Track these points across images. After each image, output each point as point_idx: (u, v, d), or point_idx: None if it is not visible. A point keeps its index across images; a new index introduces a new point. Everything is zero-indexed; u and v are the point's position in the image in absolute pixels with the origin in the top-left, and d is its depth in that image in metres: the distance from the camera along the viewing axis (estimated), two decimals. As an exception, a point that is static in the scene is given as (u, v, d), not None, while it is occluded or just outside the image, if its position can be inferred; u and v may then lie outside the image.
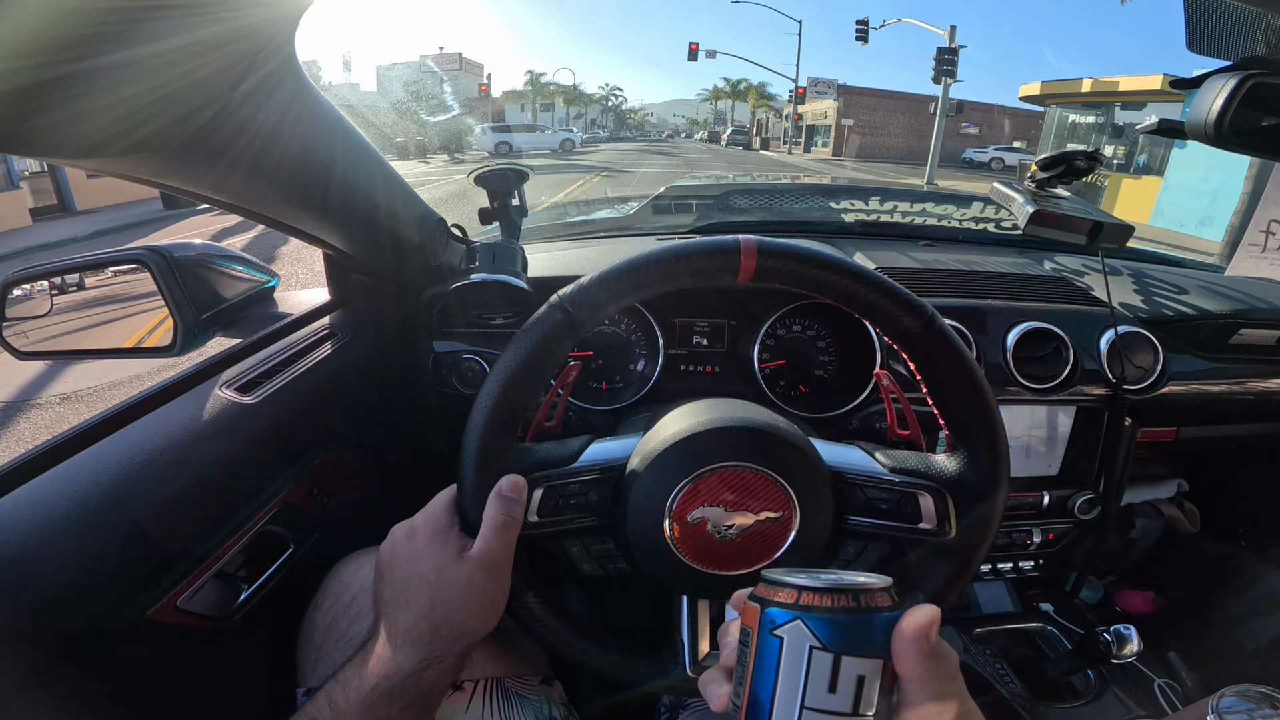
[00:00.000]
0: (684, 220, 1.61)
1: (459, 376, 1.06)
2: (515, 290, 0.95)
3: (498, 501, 0.57)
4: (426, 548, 0.57)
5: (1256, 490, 1.42)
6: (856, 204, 1.63)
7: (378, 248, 0.93)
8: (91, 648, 0.56)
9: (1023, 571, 1.24)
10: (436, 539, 0.58)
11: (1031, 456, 1.15)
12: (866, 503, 0.62)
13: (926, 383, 0.60)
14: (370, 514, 0.93)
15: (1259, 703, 0.56)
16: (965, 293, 1.12)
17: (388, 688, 0.53)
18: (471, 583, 0.56)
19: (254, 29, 0.51)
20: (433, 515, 0.60)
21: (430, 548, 0.57)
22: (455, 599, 0.56)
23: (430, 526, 0.59)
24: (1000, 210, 1.46)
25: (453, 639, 0.55)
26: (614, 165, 22.11)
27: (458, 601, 0.56)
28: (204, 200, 0.65)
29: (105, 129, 0.46)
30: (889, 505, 0.62)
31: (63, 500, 0.57)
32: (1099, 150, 1.11)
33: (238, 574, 0.74)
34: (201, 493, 0.68)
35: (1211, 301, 1.17)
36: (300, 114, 0.65)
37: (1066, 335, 1.06)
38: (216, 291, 0.92)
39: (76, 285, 0.90)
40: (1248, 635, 1.13)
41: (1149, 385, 1.10)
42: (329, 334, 0.98)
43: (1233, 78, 0.71)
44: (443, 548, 0.57)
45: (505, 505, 0.57)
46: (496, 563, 0.57)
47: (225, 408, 0.76)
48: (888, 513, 0.62)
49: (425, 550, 0.57)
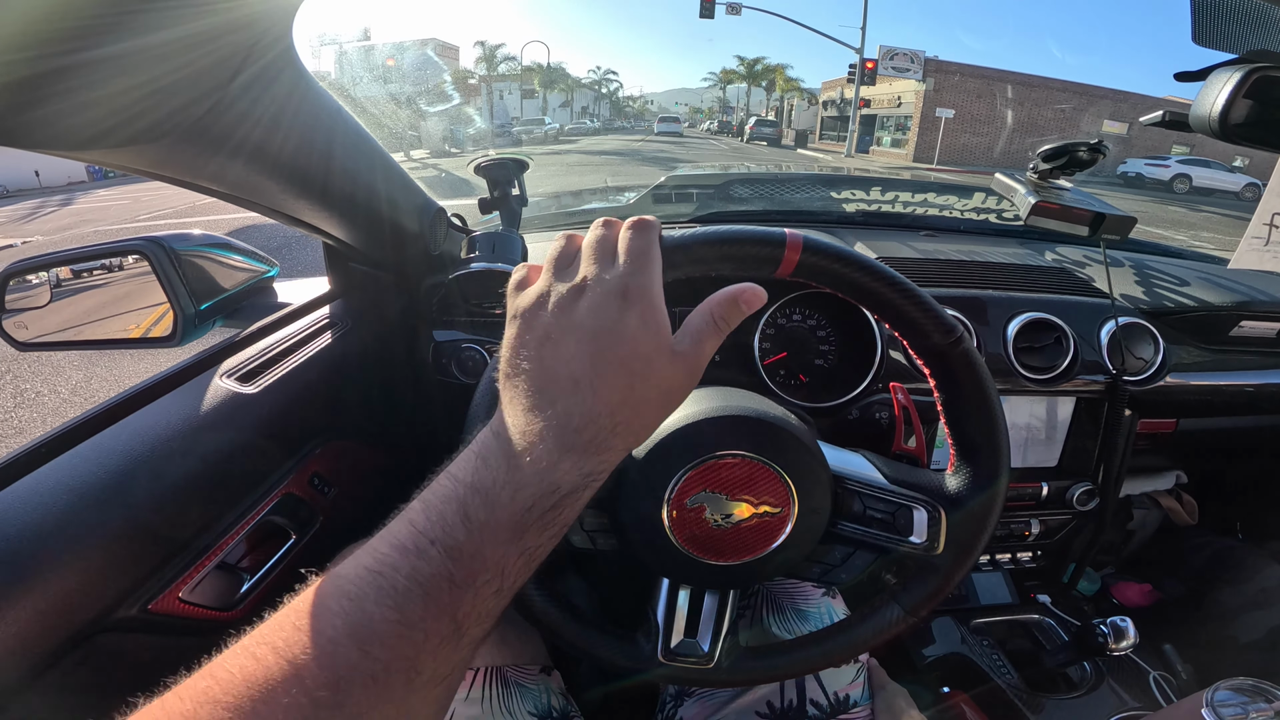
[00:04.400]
0: (684, 209, 1.61)
1: (459, 365, 1.06)
2: (515, 280, 0.94)
3: (728, 302, 0.45)
4: (641, 328, 0.43)
5: (1255, 483, 1.43)
6: (858, 194, 1.62)
7: (377, 237, 0.93)
8: (94, 640, 0.57)
9: (1020, 563, 1.25)
10: (653, 320, 0.43)
11: (1031, 447, 1.16)
12: (862, 511, 0.63)
13: (943, 400, 0.60)
14: (371, 503, 0.93)
15: (1253, 696, 0.57)
16: (966, 283, 1.12)
17: (545, 508, 0.40)
18: (674, 386, 0.44)
19: (251, 21, 0.50)
20: (652, 291, 0.44)
21: (645, 329, 0.43)
22: (651, 398, 0.43)
23: (647, 303, 0.44)
24: (1002, 201, 1.46)
25: (619, 452, 0.43)
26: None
27: (652, 403, 0.44)
28: (205, 191, 0.65)
29: (103, 121, 0.46)
30: (883, 516, 0.62)
31: (64, 492, 0.57)
32: (1102, 141, 1.10)
33: (239, 565, 0.74)
34: (202, 483, 0.68)
35: (1212, 293, 1.17)
36: (299, 105, 0.65)
37: (1067, 326, 1.06)
38: (216, 282, 0.92)
39: (76, 276, 0.90)
40: (1243, 629, 1.13)
41: (1149, 376, 1.10)
42: (329, 324, 0.98)
43: (1238, 71, 0.71)
44: (658, 333, 0.44)
45: (731, 308, 0.46)
46: (698, 371, 0.45)
47: (226, 398, 0.76)
48: (880, 523, 0.62)
49: (639, 329, 0.43)
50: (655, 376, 0.43)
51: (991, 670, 1.02)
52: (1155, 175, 20.40)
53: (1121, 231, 1.09)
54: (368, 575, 0.36)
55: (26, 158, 18.09)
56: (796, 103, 51.61)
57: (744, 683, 0.72)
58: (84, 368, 4.27)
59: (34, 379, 4.14)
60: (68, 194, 20.34)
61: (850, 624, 0.64)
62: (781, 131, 39.07)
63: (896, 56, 29.49)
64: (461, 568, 0.37)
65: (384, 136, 0.89)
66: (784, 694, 0.77)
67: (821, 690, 0.78)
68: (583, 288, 0.44)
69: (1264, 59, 0.70)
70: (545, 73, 64.58)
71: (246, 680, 0.33)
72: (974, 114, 28.82)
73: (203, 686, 0.34)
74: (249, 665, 0.34)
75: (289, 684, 0.33)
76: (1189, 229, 10.86)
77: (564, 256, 0.47)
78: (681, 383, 0.45)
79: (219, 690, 0.33)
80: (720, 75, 63.87)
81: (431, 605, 0.36)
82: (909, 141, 29.77)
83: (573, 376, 0.42)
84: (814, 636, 0.65)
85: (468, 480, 0.40)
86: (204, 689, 0.33)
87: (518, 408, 0.42)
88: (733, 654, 0.64)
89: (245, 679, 0.33)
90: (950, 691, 1.00)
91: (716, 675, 0.64)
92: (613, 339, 0.43)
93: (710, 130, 54.60)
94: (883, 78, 30.04)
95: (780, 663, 0.65)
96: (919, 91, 28.97)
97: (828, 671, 0.79)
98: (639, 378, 0.43)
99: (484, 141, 33.48)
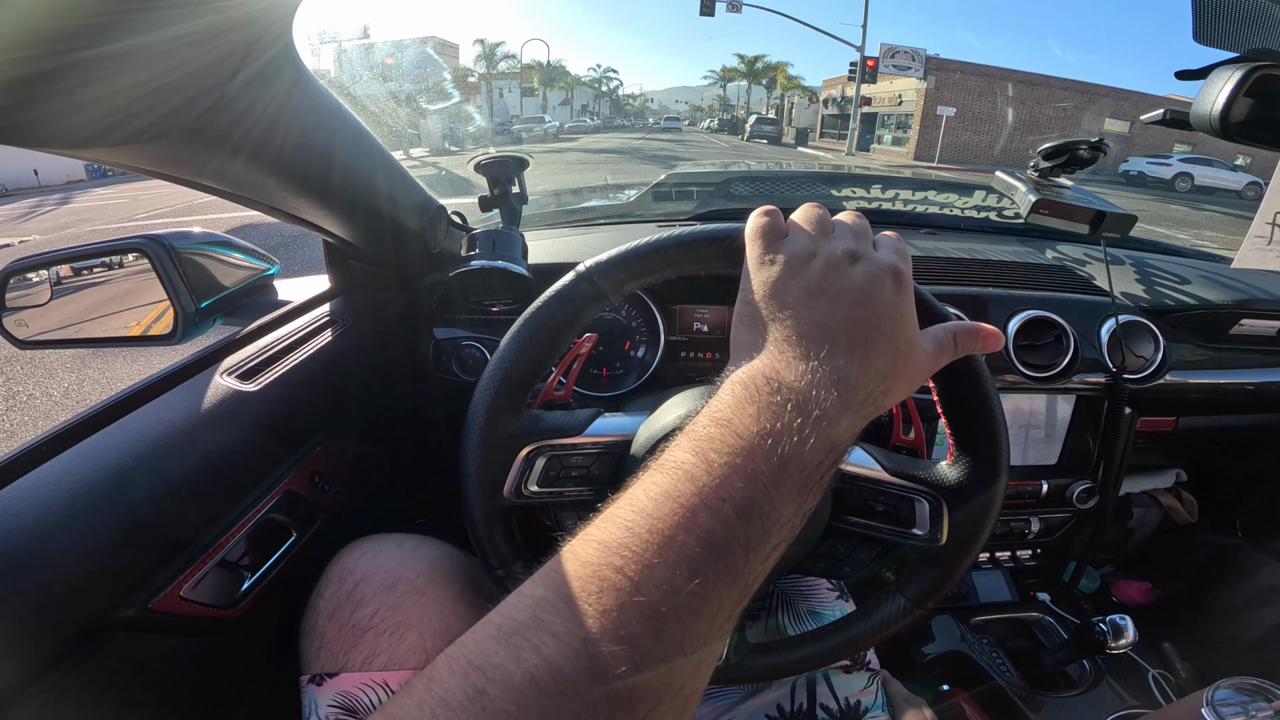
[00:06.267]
0: (684, 207, 1.61)
1: (459, 363, 1.06)
2: (516, 277, 0.94)
3: (972, 334, 0.48)
4: (909, 313, 0.44)
5: (1254, 482, 1.43)
6: (858, 191, 1.62)
7: (378, 235, 0.93)
8: (96, 639, 0.57)
9: (1020, 561, 1.25)
10: (913, 311, 0.45)
11: (1031, 445, 1.16)
12: (863, 504, 0.63)
13: (941, 392, 0.60)
14: (372, 500, 0.93)
15: (1253, 695, 0.57)
16: (966, 280, 1.12)
17: (827, 466, 0.38)
18: (915, 375, 0.45)
19: (250, 19, 0.50)
20: (912, 284, 0.46)
21: (911, 315, 0.44)
22: (903, 378, 0.43)
23: (912, 293, 0.45)
24: (1003, 199, 1.46)
25: (865, 421, 0.41)
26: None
27: (902, 383, 0.43)
28: (205, 189, 0.65)
29: (103, 119, 0.45)
30: (885, 508, 0.62)
31: (65, 490, 0.57)
32: (1103, 140, 1.10)
33: (240, 562, 0.74)
34: (203, 481, 0.68)
35: (1213, 291, 1.17)
36: (299, 103, 0.65)
37: (1067, 324, 1.06)
38: (216, 279, 0.92)
39: (76, 274, 0.90)
40: (1243, 627, 1.13)
41: (1149, 375, 1.10)
42: (329, 321, 0.98)
43: (1238, 69, 0.71)
44: (915, 323, 0.45)
45: (972, 340, 0.48)
46: (928, 374, 0.47)
47: (226, 396, 0.76)
48: (883, 515, 0.62)
49: (908, 313, 0.44)
50: (911, 361, 0.44)
51: (991, 668, 1.02)
52: (1157, 174, 20.55)
53: (1122, 230, 1.09)
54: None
55: (25, 156, 18.07)
56: (797, 101, 51.55)
57: (754, 679, 0.72)
58: (76, 370, 4.27)
59: (26, 381, 4.14)
60: (66, 192, 20.34)
61: (857, 618, 0.64)
62: (782, 130, 39.23)
63: (897, 54, 29.49)
64: (754, 527, 0.34)
65: (384, 134, 0.88)
66: (794, 697, 0.77)
67: (832, 695, 0.77)
68: (857, 256, 0.44)
69: (1265, 58, 0.70)
70: (545, 70, 64.44)
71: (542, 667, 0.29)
72: (975, 112, 28.79)
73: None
74: (547, 643, 0.30)
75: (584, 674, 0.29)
76: (1191, 228, 10.85)
77: (824, 222, 0.47)
78: (918, 377, 0.45)
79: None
80: (721, 73, 64.28)
81: (725, 573, 0.33)
82: (910, 139, 29.65)
83: (848, 335, 0.41)
84: (821, 631, 0.65)
85: (751, 428, 0.36)
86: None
87: (788, 355, 0.40)
88: (741, 651, 0.64)
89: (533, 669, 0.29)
90: (950, 690, 1.00)
91: (725, 673, 0.64)
92: (886, 313, 0.42)
93: (710, 129, 54.44)
94: (884, 76, 30.04)
95: (788, 658, 0.64)
96: (920, 89, 29.18)
97: (839, 677, 0.79)
98: (901, 356, 0.43)
99: (484, 139, 33.39)
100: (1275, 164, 0.80)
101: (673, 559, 0.31)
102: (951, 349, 0.47)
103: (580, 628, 0.30)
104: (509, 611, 0.32)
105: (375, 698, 0.61)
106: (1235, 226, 11.12)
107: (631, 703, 0.29)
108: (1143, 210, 1.21)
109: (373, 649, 0.62)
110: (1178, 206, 15.29)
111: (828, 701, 0.77)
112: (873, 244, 0.47)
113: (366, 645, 0.63)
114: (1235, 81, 0.70)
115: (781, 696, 0.77)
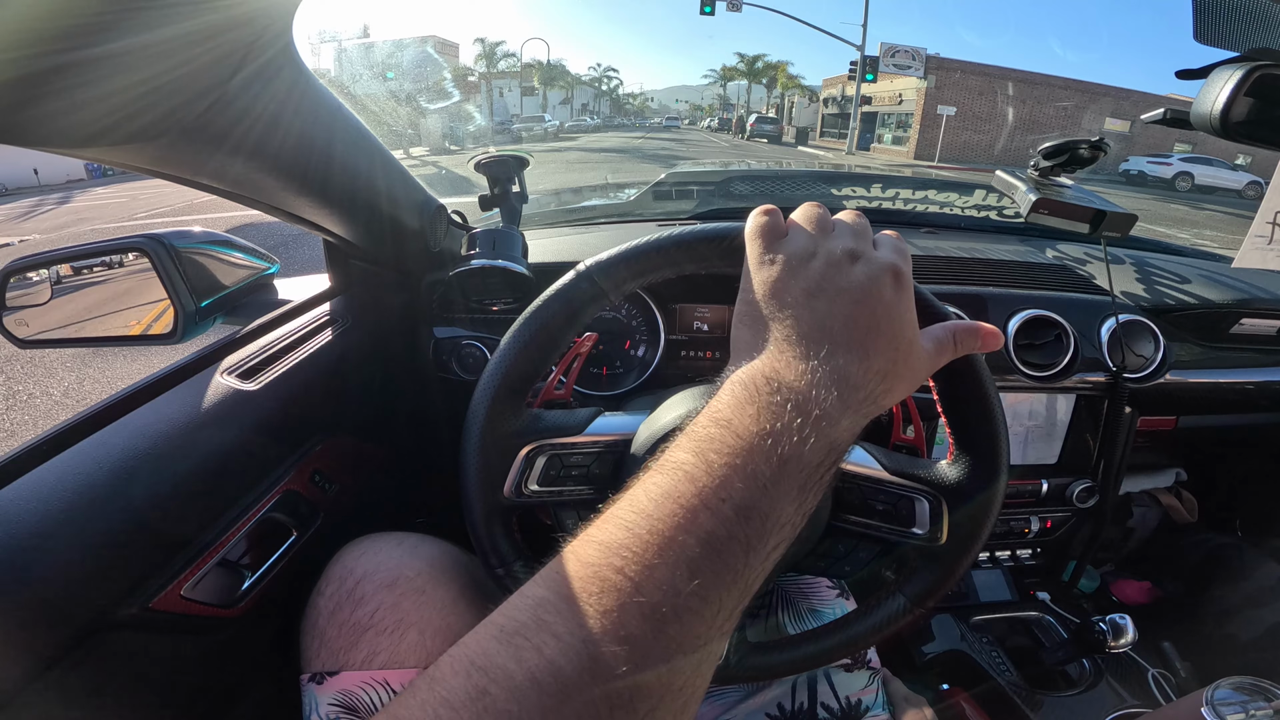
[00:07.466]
0: (685, 206, 1.61)
1: (459, 362, 1.06)
2: (516, 276, 0.94)
3: (971, 332, 0.48)
4: (909, 312, 0.45)
5: (1254, 481, 1.42)
6: (859, 190, 1.62)
7: (377, 234, 0.93)
8: (97, 638, 0.57)
9: (1020, 560, 1.25)
10: (913, 310, 0.45)
11: (1031, 444, 1.16)
12: (863, 503, 0.63)
13: (941, 391, 0.60)
14: (372, 499, 0.93)
15: (1253, 695, 0.57)
16: (967, 280, 1.12)
17: (827, 466, 0.38)
18: (915, 374, 0.45)
19: (251, 18, 0.50)
20: (913, 285, 0.46)
21: (910, 315, 0.45)
22: (903, 377, 0.43)
23: (912, 293, 0.46)
24: (1003, 198, 1.46)
25: (865, 421, 0.42)
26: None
27: (902, 383, 0.43)
28: (205, 189, 0.65)
29: (103, 118, 0.45)
30: (885, 507, 0.62)
31: (65, 490, 0.57)
32: (1103, 139, 1.10)
33: (241, 562, 0.74)
34: (203, 480, 0.69)
35: (1213, 291, 1.17)
36: (299, 102, 0.65)
37: (1067, 323, 1.06)
38: (217, 279, 0.92)
39: (76, 273, 0.90)
40: (1243, 627, 1.14)
41: (1149, 374, 1.10)
42: (329, 320, 0.98)
43: (1239, 69, 0.71)
44: (915, 323, 0.45)
45: (971, 339, 0.48)
46: (928, 374, 0.47)
47: (226, 395, 0.76)
48: (883, 515, 0.62)
49: (908, 313, 0.45)
50: (911, 360, 0.44)
51: (991, 668, 1.02)
52: (1157, 173, 20.43)
53: (1122, 229, 1.09)
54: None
55: (25, 155, 18.07)
56: (797, 100, 51.40)
57: (755, 678, 0.72)
58: (76, 369, 4.26)
59: (26, 380, 4.13)
60: (66, 192, 20.32)
61: (857, 617, 0.64)
62: (782, 129, 39.12)
63: (898, 54, 29.39)
64: (754, 527, 0.34)
65: (384, 134, 0.88)
66: (795, 696, 0.77)
67: (833, 693, 0.77)
68: (857, 255, 0.44)
69: (1265, 57, 0.70)
70: (545, 70, 64.34)
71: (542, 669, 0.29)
72: (975, 111, 28.75)
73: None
74: (548, 643, 0.30)
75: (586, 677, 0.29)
76: (1192, 227, 10.83)
77: (824, 221, 0.47)
78: (918, 376, 0.45)
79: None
80: (721, 72, 64.11)
81: (725, 573, 0.33)
82: (910, 139, 29.59)
83: (848, 334, 0.41)
84: (821, 630, 0.65)
85: (751, 429, 0.36)
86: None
87: (788, 354, 0.40)
88: (741, 649, 0.64)
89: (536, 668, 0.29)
90: (950, 689, 1.00)
91: (725, 672, 0.64)
92: (886, 312, 0.43)
93: (711, 128, 54.44)
94: (884, 75, 29.93)
95: (788, 657, 0.64)
96: (920, 89, 29.07)
97: (840, 676, 0.79)
98: (902, 355, 0.43)
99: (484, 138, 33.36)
100: (1275, 163, 0.80)
101: (673, 559, 0.32)
102: (951, 348, 0.47)
103: (581, 628, 0.30)
104: (510, 612, 0.32)
105: (376, 696, 0.61)
106: (1235, 226, 11.12)
107: (632, 702, 0.29)
108: (1143, 209, 1.21)
109: (373, 647, 0.62)
110: (1178, 206, 15.30)
111: (828, 700, 0.77)
112: (873, 243, 0.47)
113: (367, 644, 0.63)
114: (1236, 81, 0.70)
115: (782, 695, 0.77)
